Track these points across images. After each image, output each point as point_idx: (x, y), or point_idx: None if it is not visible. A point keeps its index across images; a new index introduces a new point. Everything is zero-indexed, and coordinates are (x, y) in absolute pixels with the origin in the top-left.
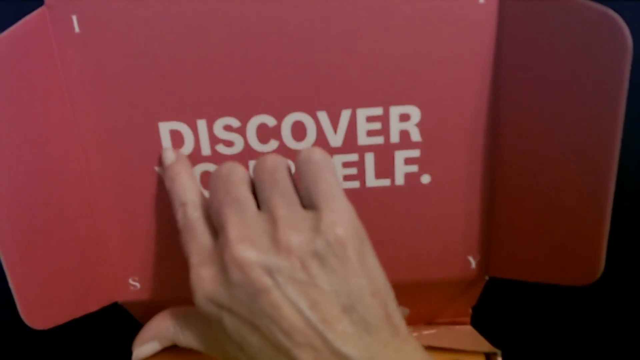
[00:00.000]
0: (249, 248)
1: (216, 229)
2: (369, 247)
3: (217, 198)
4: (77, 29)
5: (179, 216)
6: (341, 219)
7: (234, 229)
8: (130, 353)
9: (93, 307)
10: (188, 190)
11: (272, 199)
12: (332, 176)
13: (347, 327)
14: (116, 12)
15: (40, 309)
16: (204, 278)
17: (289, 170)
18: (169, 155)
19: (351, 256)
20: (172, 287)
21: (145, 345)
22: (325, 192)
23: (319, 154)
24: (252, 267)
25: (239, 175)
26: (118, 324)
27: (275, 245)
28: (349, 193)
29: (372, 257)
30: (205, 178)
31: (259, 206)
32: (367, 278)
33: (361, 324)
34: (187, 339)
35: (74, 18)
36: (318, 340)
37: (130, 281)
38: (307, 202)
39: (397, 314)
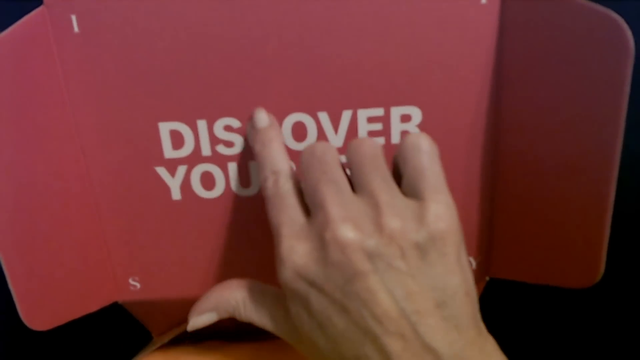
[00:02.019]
0: (353, 229)
1: (309, 206)
2: (464, 246)
3: (314, 176)
4: (76, 29)
5: (269, 184)
6: (446, 213)
7: (334, 208)
8: (130, 353)
9: (93, 307)
10: (281, 159)
11: (373, 183)
12: (439, 167)
13: (439, 322)
14: (116, 11)
15: (40, 310)
16: (297, 252)
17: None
18: (262, 118)
19: (450, 252)
20: (172, 286)
21: (203, 316)
22: (431, 183)
23: (428, 142)
24: (353, 248)
25: (334, 156)
26: (118, 324)
27: (378, 230)
28: None
29: (465, 256)
30: (205, 179)
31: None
32: (462, 276)
33: (452, 320)
34: (250, 313)
35: (73, 18)
36: (409, 330)
37: (131, 281)
38: (409, 190)
39: (479, 314)
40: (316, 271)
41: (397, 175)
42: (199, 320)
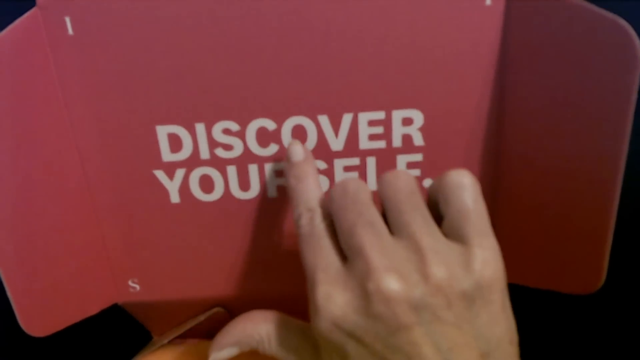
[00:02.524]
0: (397, 280)
1: (344, 249)
2: (507, 291)
3: (348, 217)
4: (70, 31)
5: (303, 221)
6: (492, 259)
7: (375, 256)
8: (130, 353)
9: (93, 310)
10: (316, 197)
11: (413, 225)
12: (483, 208)
13: None
14: (111, 13)
15: (38, 316)
16: (335, 301)
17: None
18: (298, 151)
19: (496, 300)
20: (171, 288)
21: (224, 350)
22: (477, 227)
23: (471, 180)
24: (398, 301)
25: (367, 195)
26: (118, 324)
27: (423, 279)
28: None
29: (509, 302)
30: (204, 182)
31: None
32: (507, 324)
33: None
34: (275, 348)
35: (67, 20)
36: None
37: (130, 283)
38: (451, 233)
39: None
40: (356, 322)
41: (433, 211)
42: (219, 355)
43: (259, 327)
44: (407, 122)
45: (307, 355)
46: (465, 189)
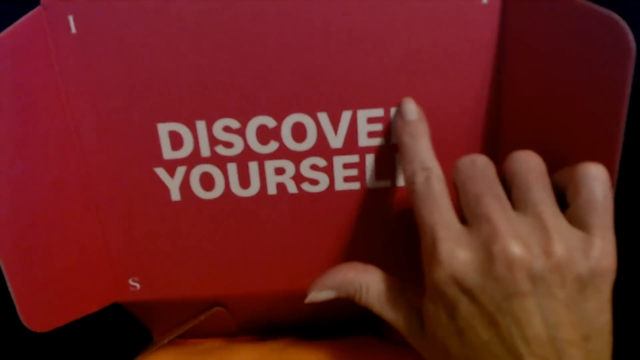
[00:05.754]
0: (523, 248)
1: (467, 215)
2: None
3: (476, 187)
4: (73, 30)
5: (419, 179)
6: (610, 252)
7: (503, 223)
8: (130, 353)
9: (93, 307)
10: (431, 156)
11: (541, 204)
12: (611, 204)
13: (582, 354)
14: (113, 12)
15: (39, 312)
16: (458, 258)
17: None
18: (413, 109)
19: (605, 290)
20: (172, 287)
21: (323, 292)
22: (602, 219)
23: (605, 174)
24: (520, 267)
25: (495, 173)
26: (118, 324)
27: (544, 254)
28: (350, 194)
29: (611, 296)
30: (205, 180)
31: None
32: (610, 314)
33: (593, 355)
34: (372, 300)
35: (71, 19)
36: (554, 357)
37: (130, 281)
38: (575, 219)
39: None
40: (474, 280)
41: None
42: (318, 295)
43: (360, 276)
44: None
45: (403, 314)
46: (599, 181)
